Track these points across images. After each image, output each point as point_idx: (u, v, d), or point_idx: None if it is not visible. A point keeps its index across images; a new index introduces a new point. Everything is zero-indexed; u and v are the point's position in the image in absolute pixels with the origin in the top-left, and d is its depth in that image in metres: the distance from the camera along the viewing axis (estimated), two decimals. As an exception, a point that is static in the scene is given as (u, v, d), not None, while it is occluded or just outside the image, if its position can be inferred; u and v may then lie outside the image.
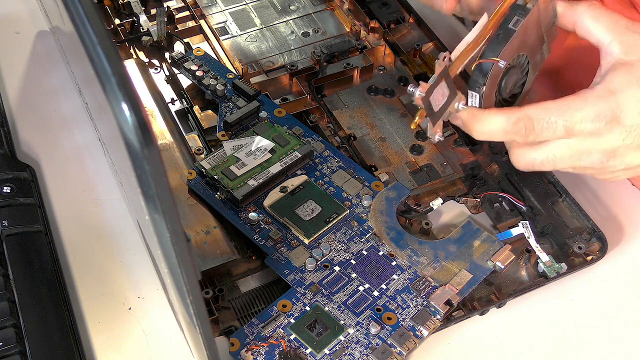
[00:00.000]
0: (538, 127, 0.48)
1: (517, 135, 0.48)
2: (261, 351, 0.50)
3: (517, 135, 0.48)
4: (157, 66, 0.71)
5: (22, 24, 0.75)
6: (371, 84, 0.68)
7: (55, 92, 0.69)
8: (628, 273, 0.59)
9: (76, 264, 0.57)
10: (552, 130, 0.48)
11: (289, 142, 0.61)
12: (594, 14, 0.49)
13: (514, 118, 0.48)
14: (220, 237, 0.57)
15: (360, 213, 0.58)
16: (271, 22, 0.74)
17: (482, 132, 0.49)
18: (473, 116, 0.49)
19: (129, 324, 0.54)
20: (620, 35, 0.49)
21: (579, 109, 0.47)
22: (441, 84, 0.49)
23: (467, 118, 0.49)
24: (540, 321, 0.56)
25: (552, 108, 0.48)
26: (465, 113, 0.50)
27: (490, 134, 0.49)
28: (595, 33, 0.50)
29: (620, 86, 0.48)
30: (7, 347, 0.49)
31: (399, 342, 0.51)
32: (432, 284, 0.54)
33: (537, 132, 0.48)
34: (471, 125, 0.49)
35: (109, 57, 0.31)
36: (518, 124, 0.48)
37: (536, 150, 0.50)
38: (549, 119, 0.48)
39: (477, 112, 0.49)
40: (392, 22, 0.74)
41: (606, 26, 0.49)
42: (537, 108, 0.48)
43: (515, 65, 0.51)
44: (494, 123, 0.48)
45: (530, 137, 0.48)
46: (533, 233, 0.57)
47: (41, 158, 0.64)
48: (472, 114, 0.49)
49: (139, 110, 0.30)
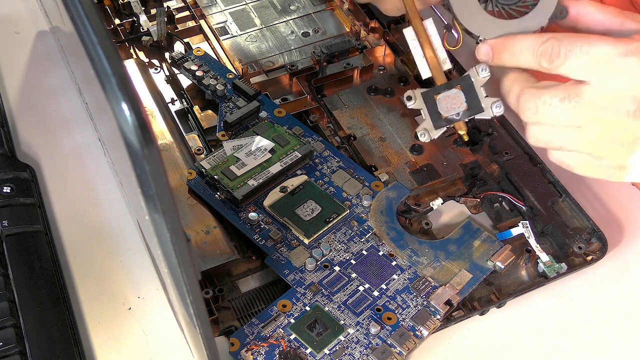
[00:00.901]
0: (563, 50, 0.47)
1: (544, 58, 0.48)
2: (261, 351, 0.50)
3: (543, 58, 0.48)
4: (157, 66, 0.71)
5: (22, 24, 0.75)
6: (371, 84, 0.68)
7: (55, 92, 0.69)
8: (628, 273, 0.59)
9: (76, 264, 0.57)
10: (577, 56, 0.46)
11: (289, 142, 0.61)
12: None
13: (543, 38, 0.48)
14: (220, 237, 0.57)
15: (360, 213, 0.59)
16: (271, 22, 0.74)
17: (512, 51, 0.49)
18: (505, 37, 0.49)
19: (129, 324, 0.54)
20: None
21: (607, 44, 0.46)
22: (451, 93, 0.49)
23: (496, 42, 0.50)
24: (540, 321, 0.56)
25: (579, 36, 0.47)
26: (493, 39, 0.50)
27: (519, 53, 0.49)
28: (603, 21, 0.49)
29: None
30: (7, 347, 0.49)
31: (399, 342, 0.51)
32: (432, 284, 0.54)
33: (562, 57, 0.47)
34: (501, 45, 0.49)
35: (109, 57, 0.31)
36: (546, 44, 0.47)
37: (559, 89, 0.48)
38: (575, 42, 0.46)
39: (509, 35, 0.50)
40: (392, 22, 0.74)
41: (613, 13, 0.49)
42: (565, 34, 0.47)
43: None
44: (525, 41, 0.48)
45: (554, 62, 0.47)
46: (533, 233, 0.57)
47: (41, 158, 0.64)
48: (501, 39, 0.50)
49: (139, 110, 0.30)
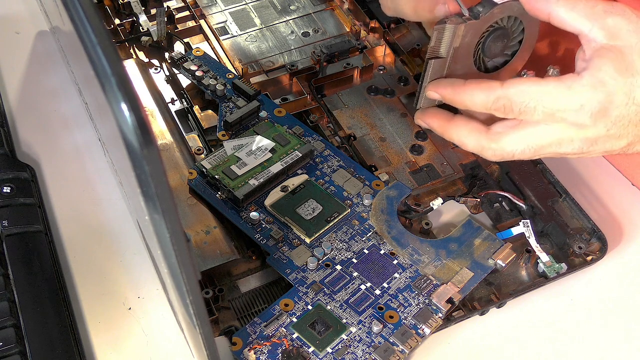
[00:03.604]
0: (516, 109, 0.47)
1: (497, 112, 0.48)
2: (264, 350, 0.50)
3: (496, 112, 0.48)
4: (157, 66, 0.71)
5: (22, 24, 0.75)
6: (371, 84, 0.68)
7: (55, 92, 0.69)
8: (628, 273, 0.59)
9: (76, 264, 0.57)
10: (530, 114, 0.47)
11: (289, 142, 0.61)
12: (569, 3, 0.47)
13: (494, 96, 0.47)
14: (220, 237, 0.57)
15: (361, 212, 0.58)
16: (271, 22, 0.74)
17: (464, 104, 0.49)
18: (455, 88, 0.49)
19: (129, 324, 0.54)
20: (600, 20, 0.46)
21: (561, 98, 0.46)
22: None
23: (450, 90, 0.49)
24: (540, 321, 0.56)
25: (532, 92, 0.47)
26: (449, 84, 0.49)
27: (472, 106, 0.49)
28: (571, 22, 0.47)
29: (609, 76, 0.45)
30: (7, 347, 0.49)
31: (401, 340, 0.51)
32: (434, 282, 0.54)
33: (515, 113, 0.48)
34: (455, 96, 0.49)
35: (108, 57, 0.31)
36: (497, 102, 0.48)
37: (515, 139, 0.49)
38: (528, 103, 0.47)
39: (460, 84, 0.49)
40: (392, 22, 0.74)
41: (583, 13, 0.46)
42: (517, 89, 0.47)
43: (504, 27, 0.50)
44: (476, 96, 0.48)
45: (509, 115, 0.48)
46: (534, 232, 0.57)
47: (41, 158, 0.64)
48: (455, 86, 0.49)
49: (139, 111, 0.30)
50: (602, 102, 0.46)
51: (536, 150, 0.49)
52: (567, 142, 0.48)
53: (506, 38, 0.51)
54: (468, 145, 0.51)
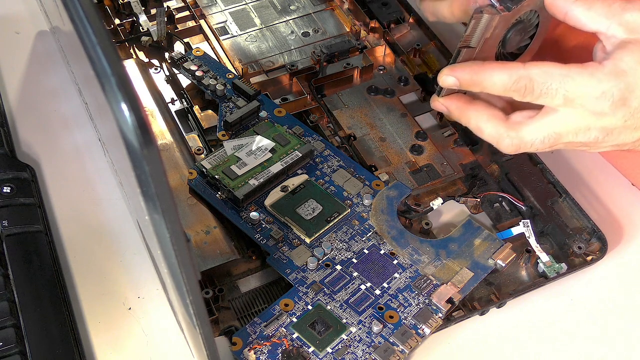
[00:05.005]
0: (537, 90, 0.47)
1: (516, 94, 0.47)
2: (264, 350, 0.50)
3: (516, 93, 0.47)
4: (157, 66, 0.71)
5: (22, 24, 0.75)
6: (371, 84, 0.68)
7: (55, 92, 0.69)
8: (628, 273, 0.59)
9: (76, 264, 0.57)
10: (551, 97, 0.47)
11: (289, 142, 0.61)
12: (586, 3, 0.47)
13: (516, 76, 0.47)
14: (220, 237, 0.57)
15: (361, 212, 0.59)
16: (271, 22, 0.74)
17: (482, 86, 0.48)
18: (474, 69, 0.48)
19: (129, 324, 0.54)
20: (618, 17, 0.46)
21: (583, 83, 0.46)
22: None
23: (468, 70, 0.49)
24: (540, 321, 0.56)
25: (555, 74, 0.46)
26: (467, 66, 0.49)
27: (490, 87, 0.48)
28: (589, 22, 0.47)
29: (630, 67, 0.46)
30: (7, 347, 0.49)
31: (402, 340, 0.51)
32: (434, 282, 0.54)
33: (535, 95, 0.47)
34: (473, 76, 0.48)
35: (108, 57, 0.31)
36: (519, 82, 0.47)
37: (535, 128, 0.49)
38: (550, 84, 0.46)
39: (479, 65, 0.48)
40: (392, 22, 0.74)
41: (601, 12, 0.47)
42: (540, 70, 0.47)
43: (524, 21, 0.50)
44: (496, 76, 0.48)
45: (527, 98, 0.47)
46: (534, 232, 0.57)
47: (41, 158, 0.64)
48: (474, 66, 0.48)
49: (139, 111, 0.30)
50: (623, 91, 0.46)
51: (555, 140, 0.48)
52: (584, 130, 0.48)
53: (524, 32, 0.51)
54: (485, 131, 0.50)
